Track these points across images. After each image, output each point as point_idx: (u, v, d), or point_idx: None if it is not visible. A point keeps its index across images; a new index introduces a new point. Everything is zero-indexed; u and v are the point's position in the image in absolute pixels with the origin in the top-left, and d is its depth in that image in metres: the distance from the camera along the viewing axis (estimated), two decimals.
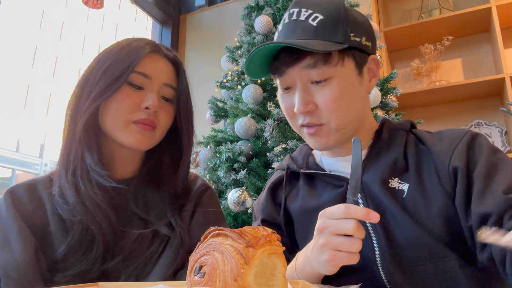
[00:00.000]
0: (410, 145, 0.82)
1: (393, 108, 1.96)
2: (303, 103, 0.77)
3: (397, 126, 0.88)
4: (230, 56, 2.24)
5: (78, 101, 0.82)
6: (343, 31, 0.77)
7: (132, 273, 0.76)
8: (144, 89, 0.83)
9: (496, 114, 2.51)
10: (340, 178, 0.84)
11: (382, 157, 0.82)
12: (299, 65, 0.77)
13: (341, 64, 0.78)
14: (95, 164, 0.79)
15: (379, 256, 0.74)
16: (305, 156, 0.95)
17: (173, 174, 0.91)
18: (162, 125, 0.86)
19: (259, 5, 2.23)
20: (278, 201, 0.94)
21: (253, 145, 1.92)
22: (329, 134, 0.80)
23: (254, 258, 0.43)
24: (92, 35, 29.46)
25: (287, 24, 0.81)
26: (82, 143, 0.80)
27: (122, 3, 31.23)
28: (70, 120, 0.83)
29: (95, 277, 0.73)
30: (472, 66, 2.63)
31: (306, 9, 0.79)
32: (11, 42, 24.71)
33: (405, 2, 2.92)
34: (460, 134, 0.78)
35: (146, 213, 0.83)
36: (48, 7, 26.98)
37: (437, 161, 0.77)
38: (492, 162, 0.72)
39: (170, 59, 0.90)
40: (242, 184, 1.80)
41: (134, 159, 0.90)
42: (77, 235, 0.75)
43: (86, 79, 0.83)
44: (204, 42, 3.31)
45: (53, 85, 26.55)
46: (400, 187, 0.77)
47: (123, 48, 0.83)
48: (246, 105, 1.90)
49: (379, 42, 2.19)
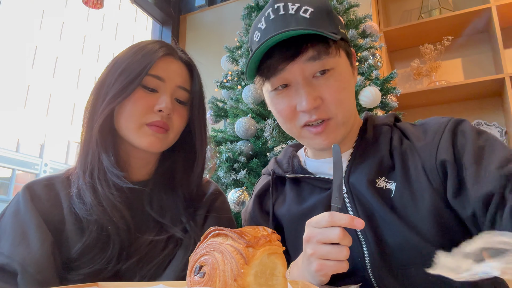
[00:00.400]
0: (396, 142, 0.80)
1: (393, 108, 1.96)
2: (310, 98, 0.73)
3: (381, 122, 0.86)
4: (230, 56, 2.24)
5: (95, 104, 0.84)
6: (334, 23, 0.76)
7: (145, 275, 0.76)
8: (158, 92, 0.84)
9: (496, 114, 2.51)
10: (326, 181, 0.82)
11: (367, 156, 0.80)
12: (301, 59, 0.73)
13: (339, 55, 0.77)
14: (112, 165, 0.81)
15: (368, 260, 0.72)
16: (290, 158, 0.92)
17: (187, 177, 0.92)
18: (176, 127, 0.87)
19: (259, 5, 2.23)
20: (266, 209, 0.93)
21: (253, 145, 1.92)
22: (337, 128, 0.77)
23: (254, 258, 0.43)
24: (92, 35, 29.44)
25: (274, 19, 0.75)
26: (98, 145, 0.81)
27: (122, 3, 31.23)
28: (87, 123, 0.84)
29: (109, 277, 0.74)
30: (472, 66, 2.63)
31: (293, 3, 0.75)
32: (11, 42, 24.71)
33: (405, 2, 2.92)
34: (443, 123, 0.76)
35: (161, 216, 0.85)
36: (48, 7, 26.99)
37: (423, 156, 0.75)
38: (479, 145, 0.69)
39: (184, 61, 0.91)
40: (242, 184, 1.80)
41: (149, 161, 0.91)
42: (93, 234, 0.76)
43: (102, 82, 0.84)
44: (204, 42, 3.31)
45: (53, 85, 26.55)
46: (388, 186, 0.75)
47: (138, 51, 0.84)
48: (246, 105, 1.90)
49: (379, 42, 2.19)
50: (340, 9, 2.07)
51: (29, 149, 25.30)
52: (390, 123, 0.85)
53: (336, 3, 2.07)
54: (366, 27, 2.13)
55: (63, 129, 26.86)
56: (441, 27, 2.56)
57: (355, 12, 2.16)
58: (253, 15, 2.23)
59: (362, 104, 1.77)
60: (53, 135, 26.44)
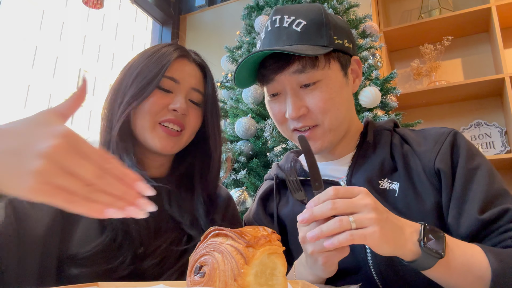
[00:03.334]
0: (396, 145, 0.84)
1: (393, 108, 1.96)
2: (295, 107, 0.78)
3: (381, 127, 0.89)
4: (230, 56, 2.24)
5: (113, 106, 0.85)
6: (327, 34, 0.79)
7: (167, 279, 0.76)
8: (172, 93, 0.86)
9: (496, 114, 2.51)
10: (328, 182, 0.84)
11: (369, 158, 0.83)
12: (288, 71, 0.78)
13: (328, 67, 0.79)
14: (134, 165, 0.82)
15: (370, 256, 0.75)
16: (292, 162, 0.95)
17: (204, 178, 0.93)
18: (190, 127, 0.88)
19: (259, 5, 2.23)
20: (270, 211, 0.95)
21: (253, 145, 1.92)
22: (324, 135, 0.81)
23: (254, 258, 0.43)
24: (92, 35, 29.44)
25: (270, 31, 0.82)
26: (119, 147, 0.82)
27: (122, 3, 31.23)
28: (106, 124, 0.85)
29: (124, 276, 0.73)
30: (472, 66, 2.63)
31: (288, 15, 0.80)
32: (11, 42, 24.72)
33: (405, 2, 2.92)
34: (444, 134, 0.80)
35: (180, 215, 0.85)
36: (48, 7, 26.98)
37: (423, 160, 0.78)
38: (470, 168, 0.75)
39: (198, 63, 0.93)
40: (242, 184, 1.80)
41: (163, 162, 0.92)
42: (113, 232, 0.75)
43: (118, 86, 0.86)
44: (204, 42, 3.31)
45: (53, 85, 26.56)
46: (391, 187, 0.78)
47: (153, 54, 0.86)
48: (246, 105, 1.90)
49: (379, 42, 2.19)
50: (340, 9, 2.07)
51: None
52: (390, 128, 0.89)
53: (336, 3, 2.07)
54: (366, 27, 2.13)
55: None
56: (441, 27, 2.56)
57: (355, 12, 2.16)
58: (253, 15, 2.23)
59: (362, 104, 1.78)
60: None
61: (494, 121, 2.50)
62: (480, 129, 2.52)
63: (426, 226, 0.61)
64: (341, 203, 0.57)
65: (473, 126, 2.54)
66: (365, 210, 0.57)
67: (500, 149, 2.43)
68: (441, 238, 0.60)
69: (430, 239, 0.59)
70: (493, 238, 0.68)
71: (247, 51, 2.13)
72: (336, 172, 0.86)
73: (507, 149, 2.42)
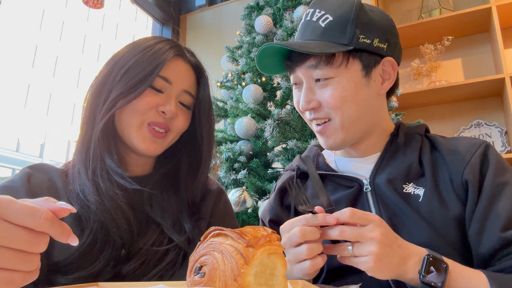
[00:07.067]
0: (425, 150, 0.83)
1: (393, 108, 1.96)
2: (306, 100, 0.81)
3: (413, 130, 0.89)
4: (230, 56, 2.24)
5: (97, 99, 0.81)
6: (351, 33, 0.78)
7: (150, 280, 0.75)
8: (163, 93, 0.83)
9: (496, 114, 2.51)
10: (351, 179, 0.84)
11: (396, 160, 0.83)
12: (304, 65, 0.81)
13: (345, 65, 0.78)
14: (116, 165, 0.79)
15: None
16: (315, 156, 0.95)
17: (191, 181, 0.90)
18: (177, 129, 0.86)
19: (259, 5, 2.23)
20: (287, 203, 0.94)
21: (253, 145, 1.92)
22: (336, 131, 0.81)
23: (254, 258, 0.43)
24: (92, 35, 29.43)
25: (302, 24, 0.85)
26: (101, 144, 0.79)
27: (122, 3, 31.22)
28: (88, 118, 0.81)
29: (109, 279, 0.72)
30: (472, 66, 2.63)
31: (320, 10, 0.81)
32: (11, 42, 24.71)
33: (405, 2, 2.92)
34: (475, 145, 0.79)
35: (162, 217, 0.83)
36: (48, 7, 26.97)
37: (452, 169, 0.78)
38: (498, 183, 0.73)
39: (193, 64, 0.90)
40: (242, 184, 1.80)
41: (146, 161, 0.90)
42: (93, 235, 0.74)
43: (105, 77, 0.81)
44: (204, 42, 3.31)
45: (53, 85, 26.55)
46: (416, 192, 0.78)
47: (147, 49, 0.82)
48: (246, 105, 1.90)
49: None
50: None
51: (29, 149, 25.31)
52: (421, 133, 0.88)
53: None
54: None
55: (63, 129, 26.86)
56: (441, 27, 2.56)
57: None
58: (253, 15, 2.23)
59: None
60: (53, 135, 26.45)
61: (494, 121, 2.50)
62: (480, 129, 2.51)
63: (430, 257, 0.62)
64: (348, 232, 0.60)
65: (473, 126, 2.54)
66: (368, 242, 0.59)
67: (500, 149, 2.43)
68: (444, 270, 0.61)
69: (431, 271, 0.61)
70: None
71: (247, 51, 2.13)
72: (360, 170, 0.86)
73: (507, 149, 2.42)
